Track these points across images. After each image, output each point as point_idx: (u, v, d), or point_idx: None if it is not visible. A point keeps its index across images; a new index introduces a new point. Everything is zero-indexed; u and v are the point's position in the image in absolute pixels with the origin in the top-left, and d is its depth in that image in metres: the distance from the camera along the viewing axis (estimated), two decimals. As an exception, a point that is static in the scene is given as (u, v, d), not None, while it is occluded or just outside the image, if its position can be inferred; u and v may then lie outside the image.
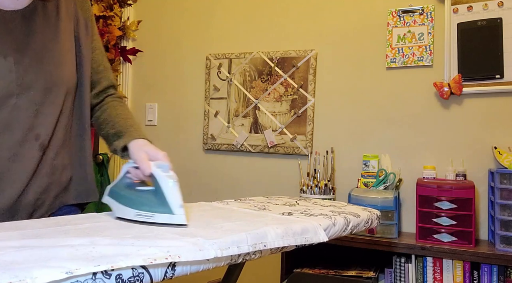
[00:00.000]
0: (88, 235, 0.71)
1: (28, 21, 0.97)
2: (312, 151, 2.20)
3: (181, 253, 0.62)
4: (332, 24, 2.22)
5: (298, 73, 2.25)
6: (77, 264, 0.52)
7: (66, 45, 1.05)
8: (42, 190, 1.00)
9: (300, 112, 2.23)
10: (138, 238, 0.69)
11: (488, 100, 1.93)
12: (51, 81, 0.99)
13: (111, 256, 0.56)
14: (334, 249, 1.94)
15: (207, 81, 2.46)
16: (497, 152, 1.84)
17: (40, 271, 0.49)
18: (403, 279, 1.81)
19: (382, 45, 2.10)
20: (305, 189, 2.07)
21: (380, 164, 2.04)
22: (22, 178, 0.96)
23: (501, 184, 1.69)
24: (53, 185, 1.03)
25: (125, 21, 2.63)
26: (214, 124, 2.43)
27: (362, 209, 1.18)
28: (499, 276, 1.67)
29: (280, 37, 2.32)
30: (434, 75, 2.00)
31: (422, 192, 1.80)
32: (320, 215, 1.02)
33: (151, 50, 2.64)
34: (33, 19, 0.98)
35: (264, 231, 0.79)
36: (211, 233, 0.75)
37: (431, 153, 2.00)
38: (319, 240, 0.89)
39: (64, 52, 1.04)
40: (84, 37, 1.11)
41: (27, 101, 0.95)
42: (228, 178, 2.40)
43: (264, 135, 2.31)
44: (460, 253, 1.68)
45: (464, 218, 1.73)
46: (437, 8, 2.01)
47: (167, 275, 0.62)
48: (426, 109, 2.02)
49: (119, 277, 0.55)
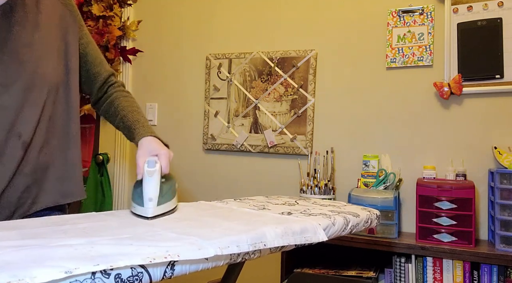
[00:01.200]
0: (87, 234, 0.71)
1: (6, 18, 0.95)
2: (312, 151, 2.20)
3: (180, 252, 0.62)
4: (332, 24, 2.22)
5: (298, 73, 2.25)
6: (76, 263, 0.52)
7: (49, 40, 1.03)
8: (24, 189, 0.99)
9: (300, 112, 2.23)
10: (137, 237, 0.69)
11: (488, 100, 1.93)
12: (32, 78, 0.97)
13: (110, 256, 0.56)
14: (334, 249, 1.94)
15: (207, 81, 2.46)
16: (497, 152, 1.84)
17: (39, 270, 0.49)
18: (403, 279, 1.81)
19: (382, 45, 2.10)
20: (305, 189, 2.07)
21: (380, 164, 2.04)
22: (4, 176, 0.95)
23: (501, 184, 1.69)
24: (36, 184, 1.02)
25: (125, 21, 2.63)
26: (214, 124, 2.43)
27: (361, 209, 1.18)
28: (499, 276, 1.66)
29: (280, 37, 2.32)
30: (434, 75, 2.00)
31: (422, 192, 1.80)
32: (319, 215, 1.02)
33: (151, 50, 2.64)
34: (12, 16, 0.96)
35: (264, 231, 0.79)
36: (211, 232, 0.75)
37: (431, 153, 2.00)
38: (318, 240, 0.89)
39: (46, 48, 1.01)
40: (71, 32, 1.09)
41: (8, 100, 0.94)
42: (228, 178, 2.40)
43: (264, 135, 2.31)
44: (460, 253, 1.68)
45: (464, 218, 1.73)
46: (437, 8, 2.01)
47: (166, 275, 0.62)
48: (426, 109, 2.02)
49: (118, 277, 0.55)
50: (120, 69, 2.65)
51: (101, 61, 1.20)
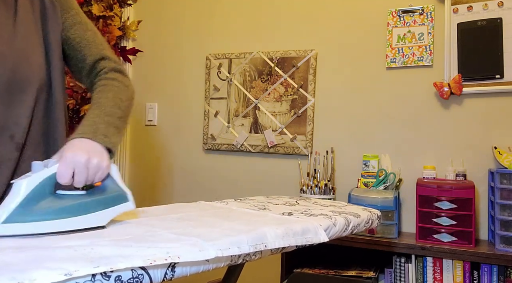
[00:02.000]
0: (87, 235, 0.71)
1: None
2: (312, 151, 2.20)
3: (180, 253, 0.62)
4: (332, 24, 2.21)
5: (298, 73, 2.25)
6: (76, 265, 0.52)
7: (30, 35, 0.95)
8: None
9: (300, 112, 2.23)
10: (137, 239, 0.69)
11: (488, 100, 1.92)
12: (15, 77, 0.91)
13: (110, 257, 0.56)
14: (334, 249, 1.94)
15: (207, 81, 2.45)
16: (497, 152, 1.84)
17: (38, 272, 0.48)
18: (403, 279, 1.81)
19: (382, 45, 2.10)
20: (305, 189, 2.07)
21: (380, 164, 2.04)
22: (2, 180, 0.91)
23: (501, 184, 1.69)
24: None
25: (125, 21, 2.62)
26: (214, 124, 2.43)
27: (362, 209, 1.18)
28: (499, 276, 1.66)
29: (280, 37, 2.31)
30: (434, 75, 2.00)
31: (422, 192, 1.80)
32: (320, 215, 1.02)
33: (151, 50, 2.63)
34: None
35: (265, 232, 0.79)
36: (211, 233, 0.74)
37: (431, 153, 2.00)
38: (319, 241, 0.89)
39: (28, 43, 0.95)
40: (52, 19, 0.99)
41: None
42: (228, 178, 2.39)
43: (264, 135, 2.30)
44: (460, 253, 1.68)
45: (464, 218, 1.73)
46: (437, 8, 2.01)
47: (167, 276, 0.61)
48: (426, 109, 2.02)
49: (118, 279, 0.55)
50: (119, 69, 2.65)
51: (88, 44, 1.02)
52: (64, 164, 0.77)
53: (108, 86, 0.98)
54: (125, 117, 0.97)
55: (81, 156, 0.79)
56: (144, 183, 2.58)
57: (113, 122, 0.91)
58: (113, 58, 1.05)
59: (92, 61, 1.02)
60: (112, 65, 1.03)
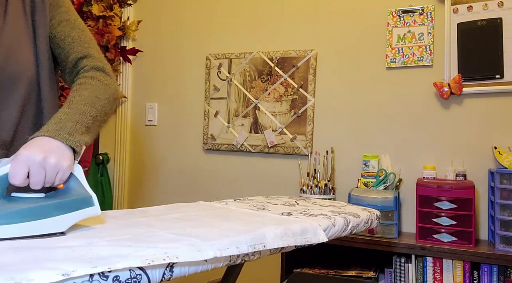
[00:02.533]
0: (85, 235, 0.71)
1: None
2: (312, 151, 2.20)
3: (179, 253, 0.62)
4: (332, 24, 2.21)
5: (298, 73, 2.24)
6: (73, 265, 0.52)
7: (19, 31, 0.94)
8: None
9: (300, 112, 2.23)
10: (135, 239, 0.69)
11: (488, 100, 1.92)
12: (3, 73, 0.89)
13: (108, 257, 0.56)
14: (334, 249, 1.94)
15: (207, 81, 2.45)
16: (497, 152, 1.84)
17: (36, 272, 0.48)
18: (403, 279, 1.80)
19: (382, 45, 2.10)
20: (305, 189, 2.07)
21: (380, 164, 2.04)
22: None
23: (501, 184, 1.69)
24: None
25: (125, 21, 2.62)
26: (214, 124, 2.43)
27: (362, 209, 1.18)
28: (499, 276, 1.66)
29: (280, 37, 2.31)
30: (434, 75, 2.00)
31: (422, 192, 1.80)
32: (319, 215, 1.02)
33: (151, 50, 2.63)
34: None
35: (263, 232, 0.79)
36: (210, 234, 0.74)
37: (431, 153, 2.00)
38: (318, 241, 0.89)
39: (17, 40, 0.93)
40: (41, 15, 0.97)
41: None
42: (228, 178, 2.39)
43: (264, 135, 2.30)
44: (460, 253, 1.68)
45: (464, 218, 1.73)
46: (437, 8, 2.01)
47: (165, 277, 0.61)
48: (426, 109, 2.02)
49: (116, 279, 0.55)
50: (120, 69, 2.65)
51: (73, 41, 0.98)
52: (17, 164, 0.71)
53: (85, 85, 0.92)
54: (102, 116, 0.91)
55: (36, 155, 0.72)
56: (144, 183, 2.58)
57: (83, 120, 0.84)
58: (97, 57, 1.01)
59: (74, 59, 0.98)
60: (94, 64, 0.98)
